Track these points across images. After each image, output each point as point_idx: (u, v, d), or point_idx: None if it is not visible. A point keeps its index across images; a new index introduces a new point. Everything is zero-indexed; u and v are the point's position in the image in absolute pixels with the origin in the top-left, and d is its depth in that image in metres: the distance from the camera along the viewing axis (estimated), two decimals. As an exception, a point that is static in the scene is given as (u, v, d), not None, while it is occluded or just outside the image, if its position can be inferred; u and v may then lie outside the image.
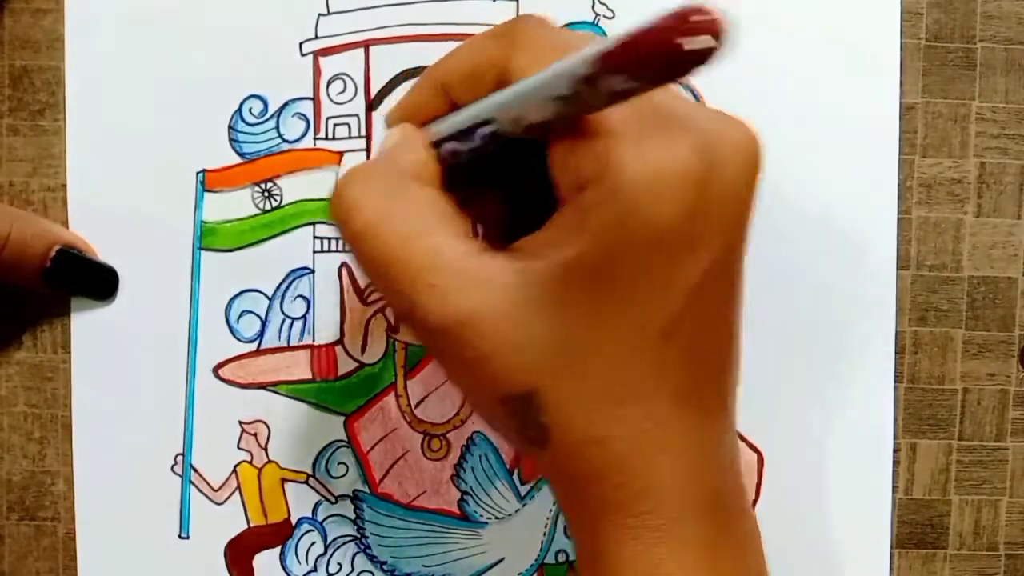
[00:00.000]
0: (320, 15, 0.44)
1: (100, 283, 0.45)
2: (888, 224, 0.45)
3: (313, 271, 0.45)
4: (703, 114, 0.33)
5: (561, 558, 0.46)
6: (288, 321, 0.45)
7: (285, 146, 0.45)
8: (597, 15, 0.44)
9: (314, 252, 0.45)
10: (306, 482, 0.46)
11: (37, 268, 0.43)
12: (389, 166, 0.36)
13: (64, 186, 0.45)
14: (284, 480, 0.46)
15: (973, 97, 0.45)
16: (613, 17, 0.44)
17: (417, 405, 0.46)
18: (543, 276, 0.32)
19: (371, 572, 0.46)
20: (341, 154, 0.45)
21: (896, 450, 0.45)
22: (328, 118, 0.45)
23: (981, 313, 0.45)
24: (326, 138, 0.45)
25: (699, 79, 0.44)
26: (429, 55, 0.44)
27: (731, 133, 0.33)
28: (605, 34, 0.45)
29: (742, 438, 0.45)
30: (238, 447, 0.46)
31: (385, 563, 0.46)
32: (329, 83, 0.45)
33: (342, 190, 0.35)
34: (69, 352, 0.45)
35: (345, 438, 0.46)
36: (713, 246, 0.32)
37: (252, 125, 0.45)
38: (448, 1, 0.44)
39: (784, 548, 0.45)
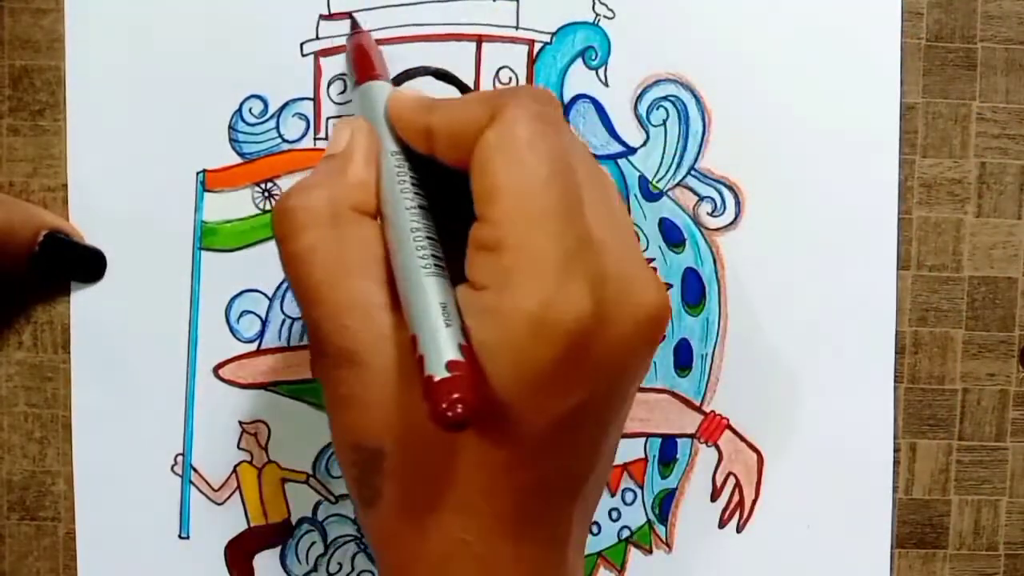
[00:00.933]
0: (321, 16, 0.44)
1: (88, 267, 0.45)
2: (889, 225, 0.45)
3: (313, 271, 0.45)
4: (624, 264, 0.33)
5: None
6: (288, 321, 0.45)
7: (285, 146, 0.45)
8: (597, 15, 0.45)
9: (314, 252, 0.45)
10: (306, 482, 0.46)
11: (24, 254, 0.43)
12: (334, 185, 0.36)
13: (64, 186, 0.45)
14: (284, 480, 0.46)
15: (973, 97, 0.45)
16: (613, 17, 0.44)
17: (417, 405, 0.46)
18: None
19: (371, 572, 0.46)
20: (341, 154, 0.45)
21: (896, 450, 0.45)
22: (328, 118, 0.45)
23: (981, 313, 0.45)
24: (326, 138, 0.45)
25: (702, 79, 0.45)
26: (430, 56, 0.44)
27: (640, 295, 0.33)
28: (607, 37, 0.45)
29: (742, 438, 0.45)
30: (238, 447, 0.46)
31: (385, 563, 0.46)
32: (330, 83, 0.45)
33: (287, 205, 0.35)
34: (69, 352, 0.45)
35: (345, 438, 0.46)
36: (585, 393, 0.33)
37: (252, 125, 0.45)
38: (449, 2, 0.44)
39: (784, 548, 0.46)
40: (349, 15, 0.44)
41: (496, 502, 0.33)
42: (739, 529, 0.46)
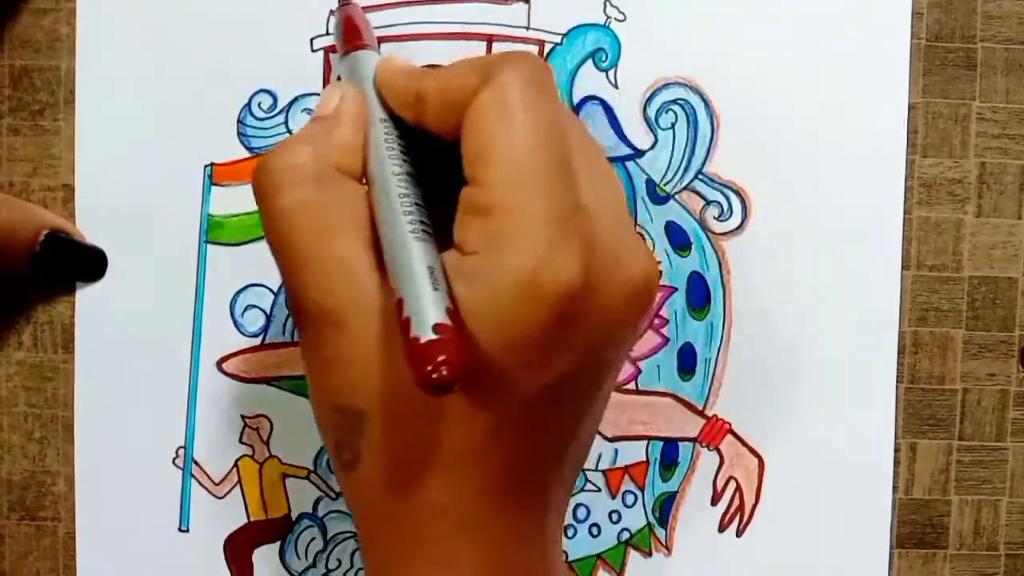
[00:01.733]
0: (331, 12, 0.45)
1: (89, 266, 0.45)
2: (894, 228, 0.45)
3: (318, 267, 0.45)
4: (614, 232, 0.34)
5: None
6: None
7: (293, 141, 0.45)
8: (608, 17, 0.45)
9: (320, 248, 0.45)
10: (307, 478, 0.46)
11: (26, 253, 0.43)
12: (320, 143, 0.35)
13: (64, 186, 0.45)
14: (285, 475, 0.46)
15: (973, 97, 0.45)
16: (624, 20, 0.45)
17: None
18: None
19: (370, 570, 0.46)
20: (348, 151, 0.45)
21: (896, 450, 0.45)
22: (337, 114, 0.45)
23: (981, 313, 0.45)
24: (334, 134, 0.45)
25: (711, 83, 0.45)
26: (439, 54, 0.45)
27: (629, 263, 0.34)
28: (617, 39, 0.45)
29: (744, 443, 0.45)
30: (240, 441, 0.46)
31: (385, 560, 0.46)
32: (339, 79, 0.45)
33: (270, 163, 0.35)
34: (69, 352, 0.45)
35: (347, 435, 0.46)
36: (573, 359, 0.33)
37: (261, 120, 0.45)
38: (461, 2, 0.45)
39: (785, 548, 0.45)
40: None
41: (478, 467, 0.33)
42: (739, 533, 0.46)
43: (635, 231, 0.35)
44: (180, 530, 0.46)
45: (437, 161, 0.35)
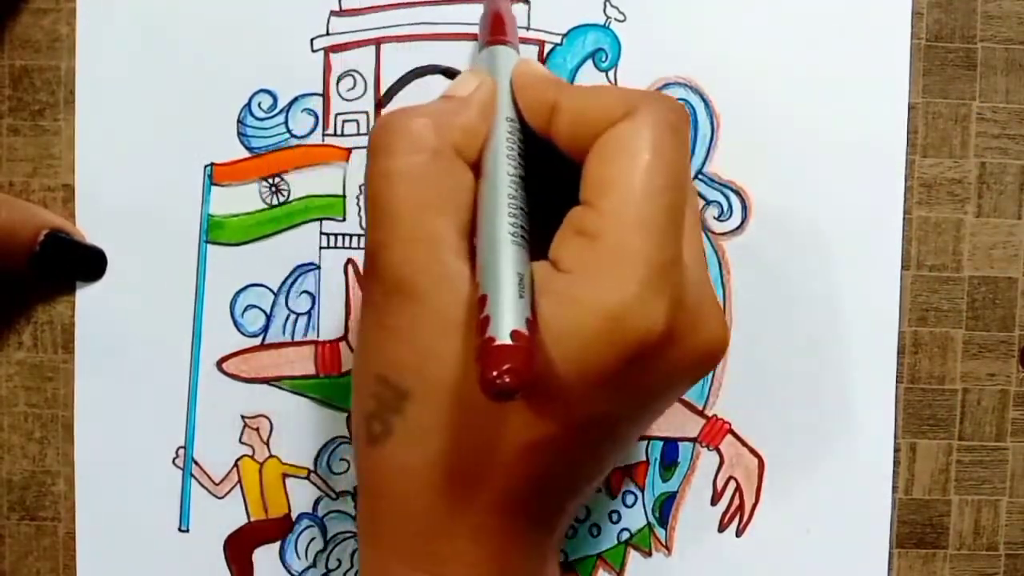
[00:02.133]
0: (332, 12, 0.45)
1: (88, 266, 0.45)
2: (894, 229, 0.45)
3: (319, 267, 0.45)
4: (700, 295, 0.34)
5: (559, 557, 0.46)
6: (293, 316, 0.45)
7: (293, 141, 0.45)
8: (608, 18, 0.45)
9: (320, 248, 0.45)
10: (307, 478, 0.46)
11: (26, 253, 0.43)
12: (445, 121, 0.35)
13: (64, 186, 0.45)
14: (285, 475, 0.46)
15: (973, 97, 0.45)
16: (624, 20, 0.45)
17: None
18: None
19: (370, 570, 0.46)
20: (349, 151, 0.45)
21: (896, 450, 0.45)
22: (337, 114, 0.45)
23: (981, 313, 0.45)
24: (335, 134, 0.45)
25: (711, 83, 0.45)
26: (441, 54, 0.45)
27: (707, 329, 0.34)
28: (617, 39, 0.45)
29: (744, 443, 0.45)
30: (240, 441, 0.46)
31: (385, 560, 0.46)
32: (339, 79, 0.45)
33: (394, 122, 0.35)
34: (69, 352, 0.45)
35: (347, 435, 0.46)
36: (629, 402, 0.34)
37: (261, 120, 0.45)
38: (461, 3, 0.45)
39: (785, 548, 0.45)
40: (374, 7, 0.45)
41: (505, 478, 0.33)
42: (739, 533, 0.46)
43: (716, 296, 0.36)
44: (180, 530, 0.46)
45: (543, 174, 0.35)
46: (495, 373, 0.29)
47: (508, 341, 0.29)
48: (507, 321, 0.30)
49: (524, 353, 0.29)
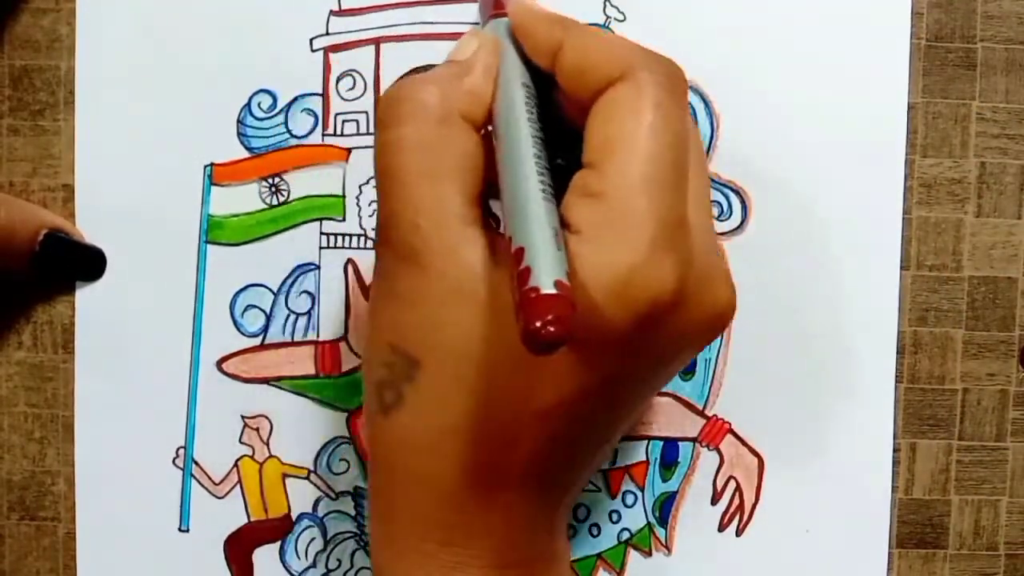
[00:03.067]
0: (331, 12, 0.45)
1: (88, 266, 0.45)
2: (893, 228, 0.45)
3: (319, 267, 0.45)
4: (708, 255, 0.34)
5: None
6: (292, 316, 0.45)
7: (293, 141, 0.45)
8: (608, 18, 0.45)
9: (320, 248, 0.45)
10: (307, 478, 0.46)
11: (26, 253, 0.43)
12: (449, 87, 0.35)
13: (64, 186, 0.45)
14: (285, 475, 0.46)
15: (973, 97, 0.45)
16: (624, 20, 0.45)
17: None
18: (487, 295, 0.33)
19: (370, 570, 0.46)
20: (349, 151, 0.45)
21: (896, 450, 0.45)
22: (337, 114, 0.45)
23: (981, 313, 0.45)
24: (334, 134, 0.45)
25: (711, 83, 0.45)
26: (440, 54, 0.44)
27: (716, 289, 0.34)
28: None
29: (744, 443, 0.45)
30: (240, 441, 0.46)
31: (385, 560, 0.46)
32: (339, 79, 0.45)
33: (399, 92, 0.35)
34: (69, 352, 0.45)
35: (347, 435, 0.46)
36: (640, 363, 0.34)
37: (261, 120, 0.45)
38: (460, 2, 0.45)
39: (784, 548, 0.45)
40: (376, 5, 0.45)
41: (517, 443, 0.33)
42: (739, 532, 0.46)
43: (724, 257, 0.36)
44: (180, 530, 0.46)
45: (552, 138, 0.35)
46: (538, 324, 0.28)
47: (552, 291, 0.28)
48: (549, 270, 0.29)
49: (567, 303, 0.28)
